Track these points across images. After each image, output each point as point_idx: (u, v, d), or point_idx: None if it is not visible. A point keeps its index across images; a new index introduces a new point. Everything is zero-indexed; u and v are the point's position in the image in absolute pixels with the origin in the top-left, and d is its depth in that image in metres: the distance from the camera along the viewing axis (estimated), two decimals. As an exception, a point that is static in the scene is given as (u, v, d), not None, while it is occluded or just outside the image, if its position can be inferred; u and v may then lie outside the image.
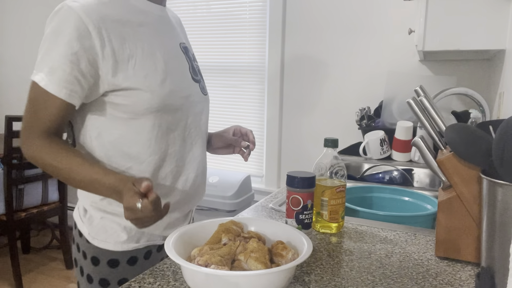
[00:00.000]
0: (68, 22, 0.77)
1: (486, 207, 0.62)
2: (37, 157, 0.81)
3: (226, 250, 0.64)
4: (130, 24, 0.83)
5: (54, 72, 0.79)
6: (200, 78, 0.99)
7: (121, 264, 0.90)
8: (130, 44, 0.82)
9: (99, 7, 0.79)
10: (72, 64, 0.78)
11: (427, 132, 0.82)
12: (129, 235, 0.90)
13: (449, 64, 2.01)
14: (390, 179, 1.47)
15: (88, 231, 0.90)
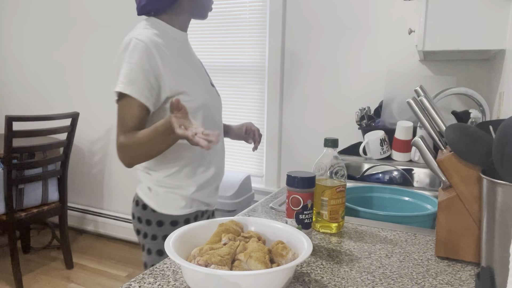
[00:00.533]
0: (139, 49, 1.08)
1: (486, 207, 0.62)
2: (124, 148, 1.08)
3: (226, 250, 0.64)
4: (172, 48, 1.16)
5: (133, 83, 1.08)
6: (213, 85, 1.31)
7: (179, 224, 1.21)
8: (176, 62, 1.15)
9: (154, 38, 1.12)
10: (144, 78, 1.08)
11: (427, 132, 0.82)
12: (186, 202, 1.21)
13: (449, 64, 2.01)
14: (390, 179, 1.47)
15: (154, 203, 1.20)
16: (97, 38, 2.99)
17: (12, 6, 3.31)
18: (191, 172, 1.21)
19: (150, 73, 1.08)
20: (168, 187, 1.20)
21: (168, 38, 1.16)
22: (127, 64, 1.08)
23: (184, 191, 1.21)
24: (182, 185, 1.20)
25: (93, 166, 3.18)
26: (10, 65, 3.39)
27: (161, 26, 1.18)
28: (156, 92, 1.11)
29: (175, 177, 1.20)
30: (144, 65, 1.08)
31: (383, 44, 2.13)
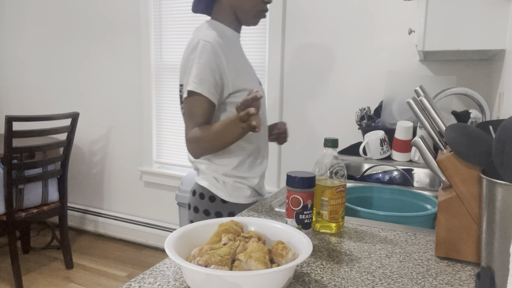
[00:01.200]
0: (207, 50, 1.17)
1: (486, 207, 0.62)
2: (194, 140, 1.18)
3: (226, 250, 0.64)
4: (231, 47, 1.25)
5: (203, 82, 1.17)
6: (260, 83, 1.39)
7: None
8: (236, 61, 1.24)
9: (218, 39, 1.20)
10: (212, 77, 1.17)
11: (427, 132, 0.82)
12: (251, 192, 1.32)
13: (449, 64, 2.01)
14: (390, 179, 1.47)
15: (224, 193, 1.27)
16: (97, 38, 2.99)
17: (12, 6, 3.31)
18: (252, 164, 1.31)
19: (216, 72, 1.18)
20: (235, 177, 1.29)
21: (227, 39, 1.25)
22: (197, 65, 1.17)
23: (249, 181, 1.31)
24: (247, 176, 1.30)
25: (93, 166, 3.18)
26: (10, 65, 3.39)
27: (220, 27, 1.26)
28: (220, 89, 1.21)
29: (240, 169, 1.29)
30: (211, 65, 1.17)
31: (383, 44, 2.13)
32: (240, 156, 1.28)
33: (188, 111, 1.20)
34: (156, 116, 2.88)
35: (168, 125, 2.85)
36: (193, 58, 1.18)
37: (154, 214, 2.98)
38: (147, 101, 2.85)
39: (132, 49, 2.87)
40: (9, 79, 3.42)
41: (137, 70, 2.87)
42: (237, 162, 1.27)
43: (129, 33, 2.86)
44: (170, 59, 2.76)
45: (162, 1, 2.72)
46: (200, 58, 1.17)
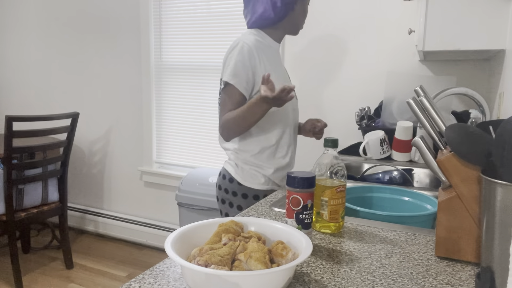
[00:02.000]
0: (244, 50, 1.38)
1: (486, 207, 0.62)
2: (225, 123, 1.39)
3: (226, 250, 0.64)
4: (267, 53, 1.45)
5: (237, 76, 1.38)
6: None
7: (260, 198, 1.47)
8: (268, 64, 1.43)
9: (256, 43, 1.42)
10: (245, 73, 1.38)
11: (427, 132, 0.82)
12: (265, 180, 1.47)
13: (449, 64, 2.01)
14: (390, 179, 1.47)
15: (240, 177, 1.47)
16: (98, 38, 3.00)
17: (12, 6, 3.31)
18: (271, 156, 1.47)
19: (249, 69, 1.38)
20: (252, 165, 1.47)
21: (266, 46, 1.46)
22: (234, 61, 1.38)
23: (264, 170, 1.47)
24: (263, 165, 1.46)
25: (93, 166, 3.18)
26: (10, 65, 3.40)
27: (263, 36, 1.47)
28: (251, 85, 1.40)
29: (258, 158, 1.46)
30: (246, 63, 1.37)
31: (383, 44, 2.13)
32: (260, 147, 1.46)
33: (222, 101, 1.42)
34: (156, 116, 2.88)
35: (168, 125, 2.85)
36: (232, 55, 1.39)
37: (154, 214, 2.98)
38: (147, 101, 2.85)
39: (132, 49, 2.87)
40: (9, 79, 3.42)
41: (137, 70, 2.87)
42: (257, 150, 1.46)
43: (129, 33, 2.86)
44: (170, 59, 2.76)
45: (162, 1, 2.72)
46: (238, 55, 1.38)
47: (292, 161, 1.56)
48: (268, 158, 1.47)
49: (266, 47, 1.46)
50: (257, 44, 1.41)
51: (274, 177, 1.48)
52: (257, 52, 1.40)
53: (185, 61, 2.72)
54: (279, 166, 1.48)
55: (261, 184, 1.47)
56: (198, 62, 2.67)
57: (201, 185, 2.36)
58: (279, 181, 1.51)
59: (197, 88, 2.70)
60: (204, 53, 2.63)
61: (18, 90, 3.39)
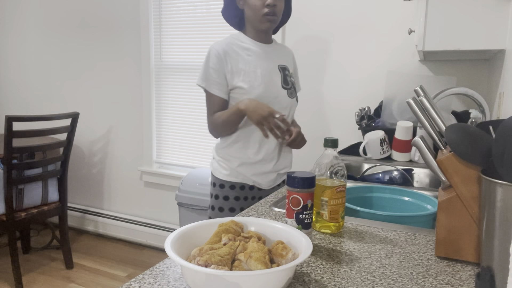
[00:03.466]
0: (211, 54, 1.49)
1: (486, 207, 0.62)
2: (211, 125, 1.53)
3: (226, 250, 0.64)
4: (241, 54, 1.50)
5: (207, 79, 1.50)
6: (290, 87, 1.58)
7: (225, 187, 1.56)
8: (240, 65, 1.49)
9: (226, 47, 1.49)
10: (216, 75, 1.48)
11: (427, 132, 0.82)
12: (230, 172, 1.54)
13: (449, 64, 2.01)
14: (390, 179, 1.47)
15: (213, 168, 1.59)
16: (98, 38, 2.99)
17: (11, 6, 3.31)
18: (240, 150, 1.53)
19: (219, 72, 1.47)
20: (220, 156, 1.57)
21: (241, 47, 1.52)
22: (203, 66, 1.50)
23: (229, 162, 1.55)
24: (230, 158, 1.54)
25: (93, 166, 3.18)
26: (10, 65, 3.39)
27: (240, 38, 1.54)
28: (225, 86, 1.49)
29: (227, 150, 1.55)
30: (214, 66, 1.47)
31: (383, 44, 2.13)
32: (231, 140, 1.54)
33: (206, 102, 1.55)
34: (156, 116, 2.88)
35: (168, 125, 2.85)
36: (204, 61, 1.50)
37: (154, 214, 2.98)
38: (147, 101, 2.85)
39: (132, 49, 2.87)
40: (9, 79, 3.42)
41: (137, 70, 2.87)
42: (226, 144, 1.55)
43: (129, 33, 2.86)
44: (170, 59, 2.76)
45: (162, 1, 2.72)
46: (206, 61, 1.49)
47: (269, 158, 1.56)
48: (237, 152, 1.54)
49: (242, 48, 1.51)
50: (227, 47, 1.49)
51: (241, 170, 1.53)
52: (226, 54, 1.47)
53: (185, 61, 2.72)
54: (248, 161, 1.53)
55: (226, 175, 1.55)
56: (198, 62, 2.67)
57: (201, 185, 2.36)
58: (252, 175, 1.55)
59: (197, 88, 2.70)
60: (204, 53, 2.62)
61: (18, 90, 3.39)
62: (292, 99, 1.59)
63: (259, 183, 1.57)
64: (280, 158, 1.60)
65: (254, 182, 1.56)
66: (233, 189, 1.56)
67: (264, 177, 1.57)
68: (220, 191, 1.57)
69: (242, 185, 1.56)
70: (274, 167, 1.58)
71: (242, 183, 1.56)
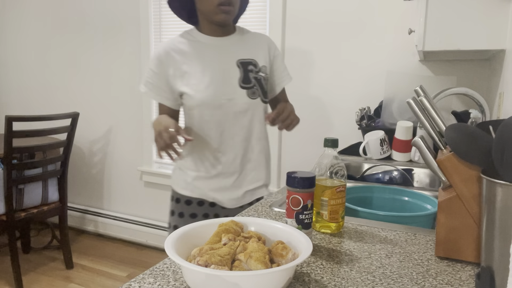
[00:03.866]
0: (153, 57, 1.32)
1: (486, 207, 0.62)
2: None
3: (226, 250, 0.64)
4: (189, 53, 1.30)
5: (148, 83, 1.33)
6: (252, 85, 1.32)
7: (181, 202, 1.39)
8: (185, 66, 1.29)
9: (168, 46, 1.31)
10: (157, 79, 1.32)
11: (427, 132, 0.82)
12: (186, 185, 1.37)
13: (449, 64, 2.01)
14: (390, 179, 1.47)
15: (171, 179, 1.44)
16: (97, 38, 2.99)
17: (11, 6, 3.31)
18: (196, 161, 1.36)
19: (160, 76, 1.31)
20: (178, 167, 1.42)
21: (190, 46, 1.32)
22: (147, 68, 1.34)
23: (185, 175, 1.38)
24: (185, 169, 1.38)
25: (93, 166, 3.18)
26: (10, 65, 3.39)
27: (192, 34, 1.34)
28: (168, 92, 1.33)
29: (184, 161, 1.39)
30: (154, 70, 1.31)
31: (383, 44, 2.13)
32: (187, 150, 1.38)
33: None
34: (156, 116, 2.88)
35: (168, 125, 2.85)
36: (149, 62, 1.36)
37: (154, 214, 2.98)
38: (147, 101, 2.85)
39: (132, 49, 2.87)
40: (9, 79, 3.42)
41: (137, 70, 2.87)
42: (184, 153, 1.38)
43: (129, 33, 2.86)
44: (170, 59, 2.76)
45: (162, 1, 2.72)
46: (149, 63, 1.33)
47: (228, 172, 1.35)
48: (193, 163, 1.36)
49: (190, 46, 1.31)
50: (171, 47, 1.30)
51: (198, 184, 1.36)
52: (168, 56, 1.29)
53: (185, 61, 2.71)
54: (204, 174, 1.35)
55: (182, 189, 1.39)
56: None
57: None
58: (210, 191, 1.36)
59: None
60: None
61: (18, 90, 3.39)
62: (255, 100, 1.33)
63: (219, 200, 1.37)
64: (245, 171, 1.38)
65: (214, 198, 1.37)
66: (189, 204, 1.38)
67: (225, 194, 1.37)
68: (176, 206, 1.40)
69: (200, 201, 1.38)
70: (236, 183, 1.37)
71: (200, 198, 1.37)
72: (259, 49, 1.37)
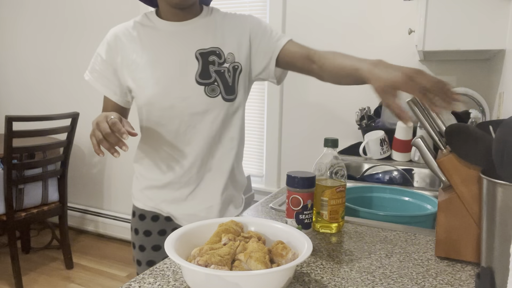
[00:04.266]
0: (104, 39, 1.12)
1: (486, 207, 0.62)
2: None
3: (226, 250, 0.64)
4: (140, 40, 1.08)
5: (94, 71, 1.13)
6: (211, 82, 1.07)
7: (135, 217, 1.19)
8: (134, 55, 1.08)
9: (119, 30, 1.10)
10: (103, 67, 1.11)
11: (427, 132, 0.82)
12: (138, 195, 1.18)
13: (449, 64, 2.01)
14: (390, 179, 1.47)
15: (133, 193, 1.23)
16: (97, 38, 2.99)
17: (11, 6, 3.31)
18: (149, 167, 1.16)
19: (108, 65, 1.10)
20: (134, 175, 1.23)
21: (143, 31, 1.09)
22: (96, 52, 1.13)
23: (139, 183, 1.19)
24: (139, 176, 1.19)
25: (93, 166, 3.18)
26: (10, 65, 3.39)
27: (150, 18, 1.11)
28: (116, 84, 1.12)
29: (138, 166, 1.20)
30: (103, 55, 1.11)
31: (383, 44, 2.13)
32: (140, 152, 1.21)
33: None
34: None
35: (168, 125, 2.84)
36: None
37: (154, 214, 2.98)
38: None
39: (132, 49, 2.86)
40: (9, 79, 3.42)
41: (137, 70, 2.87)
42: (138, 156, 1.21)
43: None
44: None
45: (162, 1, 2.71)
46: (98, 47, 1.13)
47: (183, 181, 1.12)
48: (146, 170, 1.16)
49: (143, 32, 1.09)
50: (123, 31, 1.10)
51: (150, 194, 1.15)
52: (118, 41, 1.08)
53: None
54: (156, 183, 1.14)
55: (135, 199, 1.20)
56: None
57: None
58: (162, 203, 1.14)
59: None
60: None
61: (18, 90, 3.39)
62: (214, 98, 1.07)
63: (173, 215, 1.15)
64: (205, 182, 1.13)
65: (168, 212, 1.16)
66: (143, 219, 1.17)
67: (178, 208, 1.14)
68: (132, 220, 1.21)
69: (154, 215, 1.16)
70: (193, 195, 1.13)
71: (154, 212, 1.16)
72: (230, 33, 1.12)
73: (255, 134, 2.52)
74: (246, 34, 1.12)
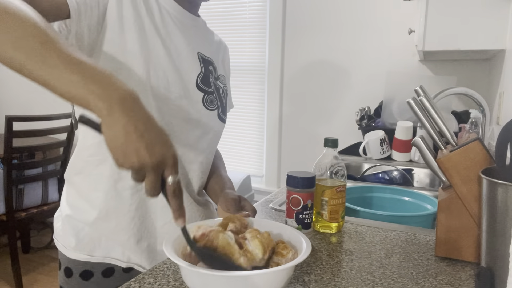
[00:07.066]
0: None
1: (486, 207, 0.62)
2: None
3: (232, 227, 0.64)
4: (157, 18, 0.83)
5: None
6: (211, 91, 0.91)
7: (73, 273, 0.83)
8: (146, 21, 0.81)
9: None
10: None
11: (427, 132, 0.82)
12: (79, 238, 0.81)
13: (449, 64, 2.01)
14: (390, 179, 1.47)
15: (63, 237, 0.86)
16: (97, 38, 2.99)
17: (12, 6, 3.31)
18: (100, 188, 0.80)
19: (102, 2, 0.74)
20: (61, 210, 0.86)
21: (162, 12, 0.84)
22: None
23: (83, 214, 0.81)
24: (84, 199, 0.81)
25: (93, 166, 3.17)
26: (10, 65, 3.39)
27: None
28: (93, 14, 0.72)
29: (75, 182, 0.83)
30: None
31: (383, 44, 2.13)
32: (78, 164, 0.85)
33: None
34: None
35: (168, 125, 2.84)
36: None
37: (154, 214, 2.97)
38: (147, 101, 2.85)
39: (132, 49, 2.86)
40: (9, 79, 3.42)
41: (137, 70, 2.87)
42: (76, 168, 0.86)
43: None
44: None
45: (162, 1, 2.71)
46: None
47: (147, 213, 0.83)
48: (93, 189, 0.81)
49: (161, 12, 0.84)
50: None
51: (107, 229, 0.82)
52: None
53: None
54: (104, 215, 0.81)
55: (72, 249, 0.83)
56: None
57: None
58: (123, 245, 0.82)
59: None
60: (204, 53, 2.61)
61: (18, 90, 3.39)
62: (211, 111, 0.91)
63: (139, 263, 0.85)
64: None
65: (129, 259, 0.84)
66: (87, 279, 0.82)
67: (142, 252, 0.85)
68: (65, 282, 0.84)
69: (108, 268, 0.83)
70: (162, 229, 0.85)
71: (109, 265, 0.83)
72: (219, 53, 1.02)
73: (255, 134, 2.52)
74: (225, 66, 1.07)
